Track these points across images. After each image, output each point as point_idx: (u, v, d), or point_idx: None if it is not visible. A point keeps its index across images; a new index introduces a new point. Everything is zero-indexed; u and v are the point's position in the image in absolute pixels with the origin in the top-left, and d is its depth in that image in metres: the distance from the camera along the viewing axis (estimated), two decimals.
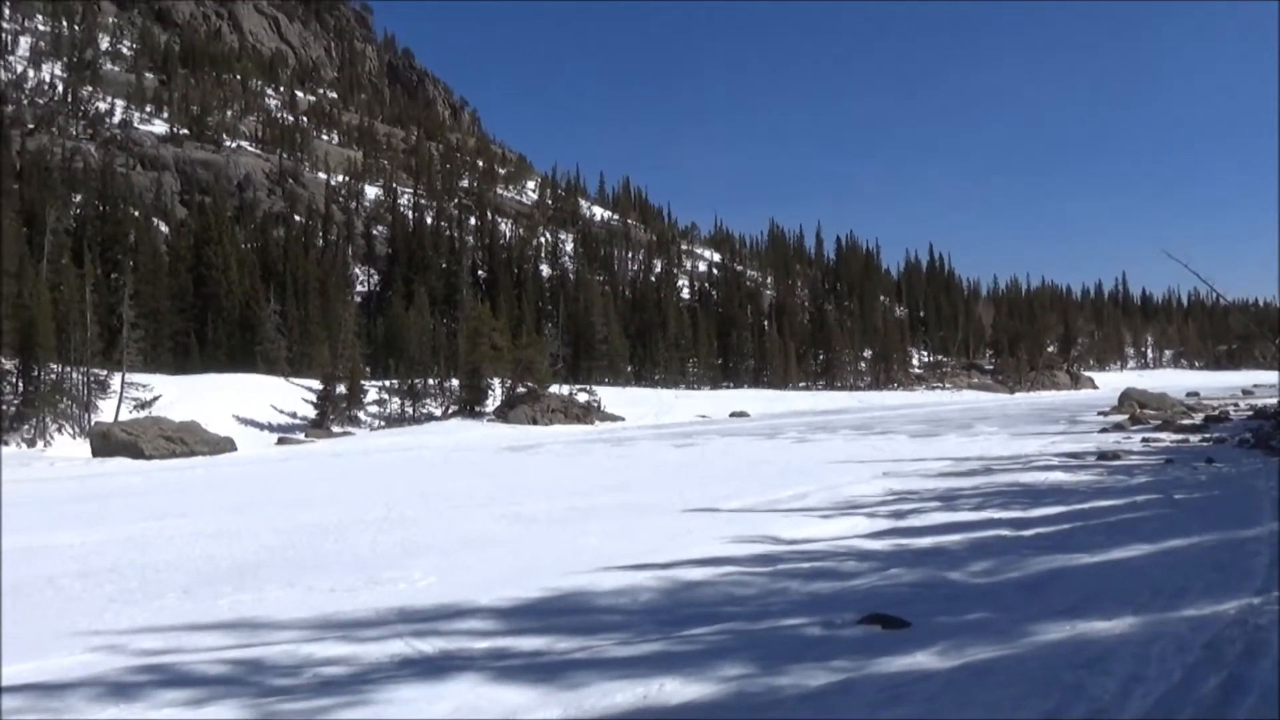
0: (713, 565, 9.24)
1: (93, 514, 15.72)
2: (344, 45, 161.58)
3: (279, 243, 69.71)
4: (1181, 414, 38.22)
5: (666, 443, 31.94)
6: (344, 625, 7.19)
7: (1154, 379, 79.70)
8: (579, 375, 60.03)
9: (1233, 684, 5.06)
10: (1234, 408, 41.60)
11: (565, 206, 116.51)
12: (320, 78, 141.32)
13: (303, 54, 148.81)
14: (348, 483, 21.06)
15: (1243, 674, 5.20)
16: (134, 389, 40.63)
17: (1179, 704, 4.79)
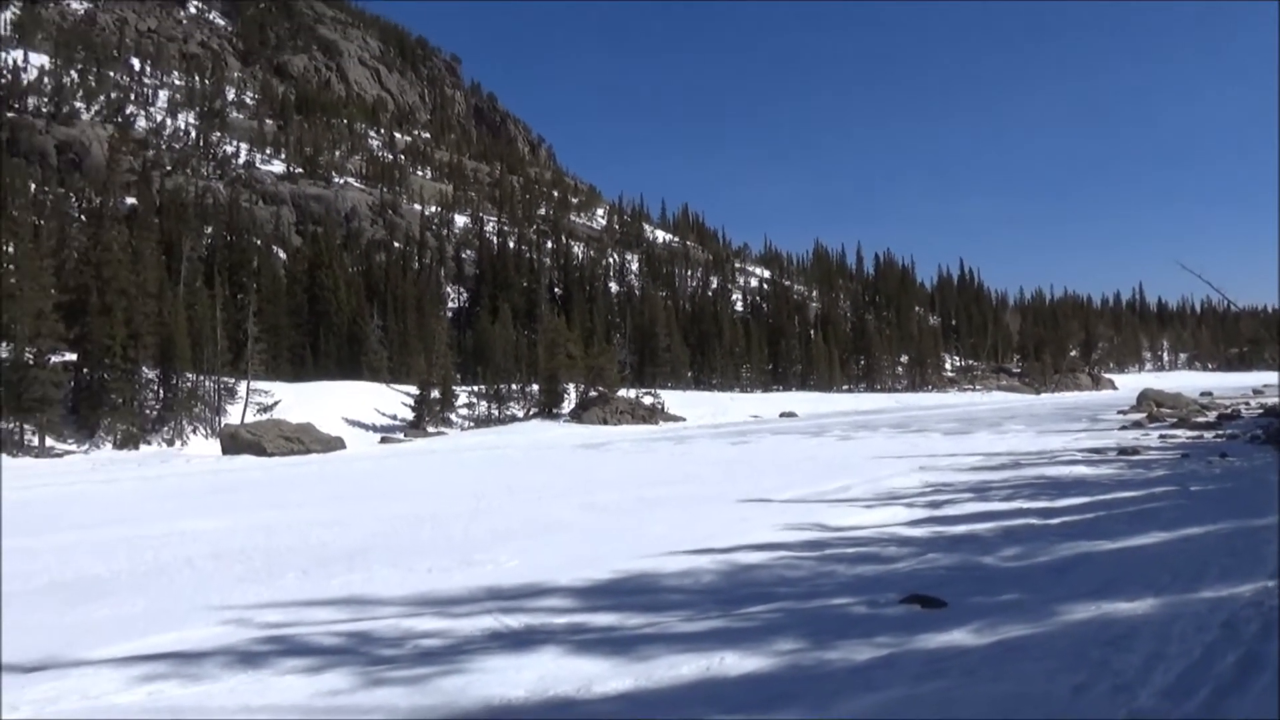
0: (767, 550, 9.17)
1: (223, 504, 16.05)
2: (436, 92, 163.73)
3: (381, 266, 70.77)
4: (1196, 412, 37.08)
5: (723, 440, 31.77)
6: (440, 602, 7.24)
7: (1170, 380, 77.51)
8: (644, 380, 60.03)
9: (1250, 660, 4.89)
10: (1245, 406, 40.24)
11: (631, 230, 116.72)
12: (415, 121, 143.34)
13: (400, 100, 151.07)
14: (442, 477, 21.25)
15: (1259, 651, 5.02)
16: (257, 395, 41.45)
17: (1199, 679, 4.64)
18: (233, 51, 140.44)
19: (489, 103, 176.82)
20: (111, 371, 36.61)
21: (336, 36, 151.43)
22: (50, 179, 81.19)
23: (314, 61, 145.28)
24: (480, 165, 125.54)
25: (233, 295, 50.68)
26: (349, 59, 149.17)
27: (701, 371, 72.05)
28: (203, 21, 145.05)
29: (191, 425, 39.69)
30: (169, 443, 37.91)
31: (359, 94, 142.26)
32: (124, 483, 22.01)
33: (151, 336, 38.51)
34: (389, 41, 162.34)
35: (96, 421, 36.48)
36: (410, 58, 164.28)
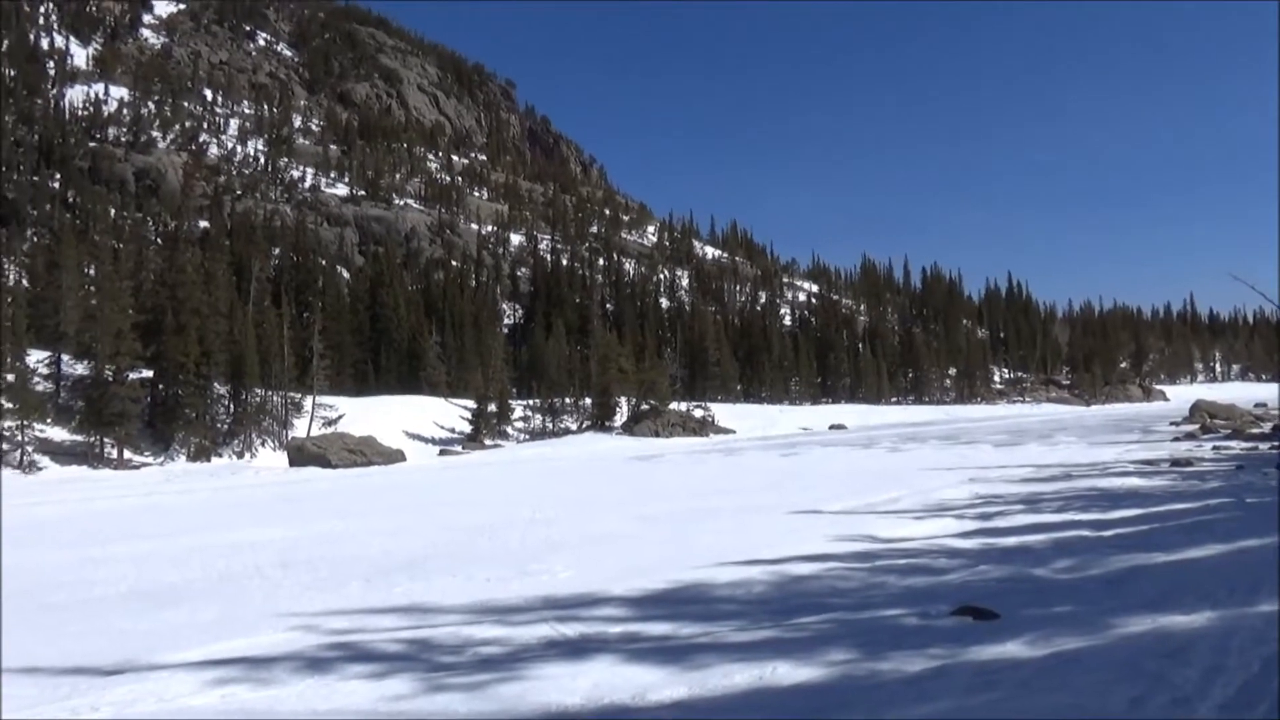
0: (818, 561, 9.07)
1: (290, 514, 16.30)
2: (492, 116, 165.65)
3: (439, 284, 71.63)
4: (1250, 423, 36.00)
5: (773, 452, 31.56)
6: (498, 610, 7.27)
7: (1223, 391, 75.29)
8: (695, 394, 59.88)
9: None
10: None
11: (681, 247, 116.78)
12: (472, 144, 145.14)
13: (457, 124, 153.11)
14: (498, 488, 21.37)
15: None
16: (322, 409, 42.11)
17: (1259, 693, 4.48)
18: (299, 81, 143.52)
19: (542, 125, 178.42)
20: (185, 387, 37.45)
21: (397, 65, 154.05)
22: (129, 205, 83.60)
23: (376, 89, 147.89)
24: (534, 185, 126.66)
25: (299, 313, 51.59)
26: (409, 86, 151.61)
27: (751, 385, 71.69)
28: (271, 53, 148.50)
29: (260, 438, 40.40)
30: (239, 455, 38.64)
31: (418, 119, 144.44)
32: (197, 494, 22.47)
33: (223, 354, 39.32)
34: (447, 68, 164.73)
35: (171, 435, 37.32)
36: (467, 83, 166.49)
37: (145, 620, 7.43)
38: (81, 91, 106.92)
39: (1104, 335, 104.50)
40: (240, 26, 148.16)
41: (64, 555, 11.51)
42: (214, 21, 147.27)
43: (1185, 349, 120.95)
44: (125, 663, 5.99)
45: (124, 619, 7.48)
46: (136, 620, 7.43)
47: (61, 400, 37.54)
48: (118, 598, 8.50)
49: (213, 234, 63.80)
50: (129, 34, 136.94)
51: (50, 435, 35.02)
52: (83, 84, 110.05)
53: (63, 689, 5.48)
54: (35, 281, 47.74)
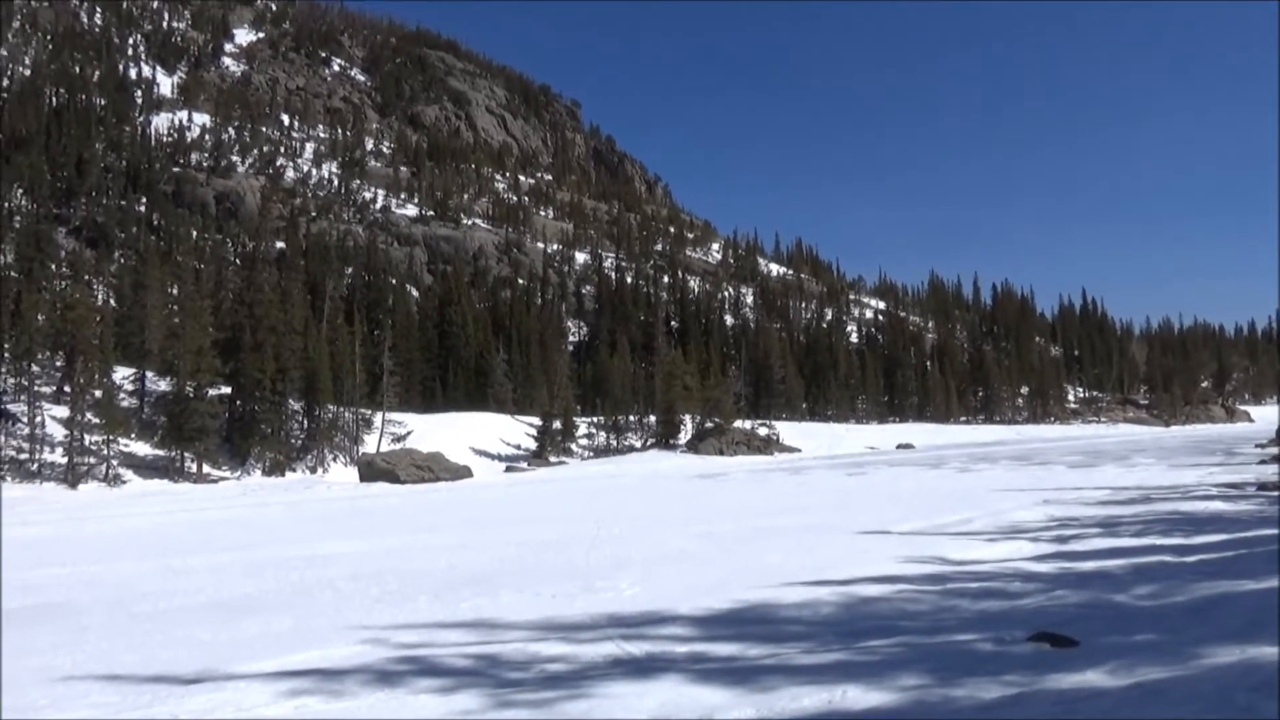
0: (887, 583, 8.90)
1: (361, 529, 16.56)
2: (558, 136, 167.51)
3: (506, 302, 72.46)
4: None
5: (839, 471, 31.17)
6: (564, 627, 7.28)
7: None
8: (759, 411, 59.52)
9: None
10: None
11: (745, 264, 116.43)
12: (538, 164, 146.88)
13: (524, 144, 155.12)
14: (563, 505, 21.45)
15: None
16: (391, 425, 42.79)
17: None
18: (371, 105, 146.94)
19: (607, 144, 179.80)
20: (261, 403, 38.39)
21: (465, 87, 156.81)
22: (210, 227, 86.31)
23: (445, 111, 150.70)
24: (599, 204, 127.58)
25: (370, 331, 52.61)
26: (477, 108, 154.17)
27: (816, 403, 71.00)
28: (345, 78, 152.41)
29: (332, 454, 41.18)
30: (312, 470, 39.42)
31: (486, 140, 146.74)
32: (272, 508, 22.99)
33: (297, 371, 40.23)
34: (514, 90, 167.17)
35: (247, 450, 38.25)
36: (534, 104, 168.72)
37: (223, 630, 7.59)
38: (167, 119, 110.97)
39: (1184, 353, 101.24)
40: (316, 53, 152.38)
41: (147, 566, 11.86)
42: (291, 49, 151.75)
43: (1271, 368, 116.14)
44: (204, 672, 6.13)
45: (203, 629, 7.66)
46: (215, 630, 7.60)
47: (145, 416, 38.78)
48: (197, 608, 8.71)
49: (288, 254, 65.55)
50: (211, 63, 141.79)
51: (134, 450, 36.16)
52: (168, 111, 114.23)
53: (145, 696, 5.63)
54: (122, 301, 49.50)
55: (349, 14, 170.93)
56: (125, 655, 6.73)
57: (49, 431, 34.18)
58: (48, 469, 32.83)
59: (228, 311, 41.88)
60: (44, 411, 34.70)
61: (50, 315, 39.33)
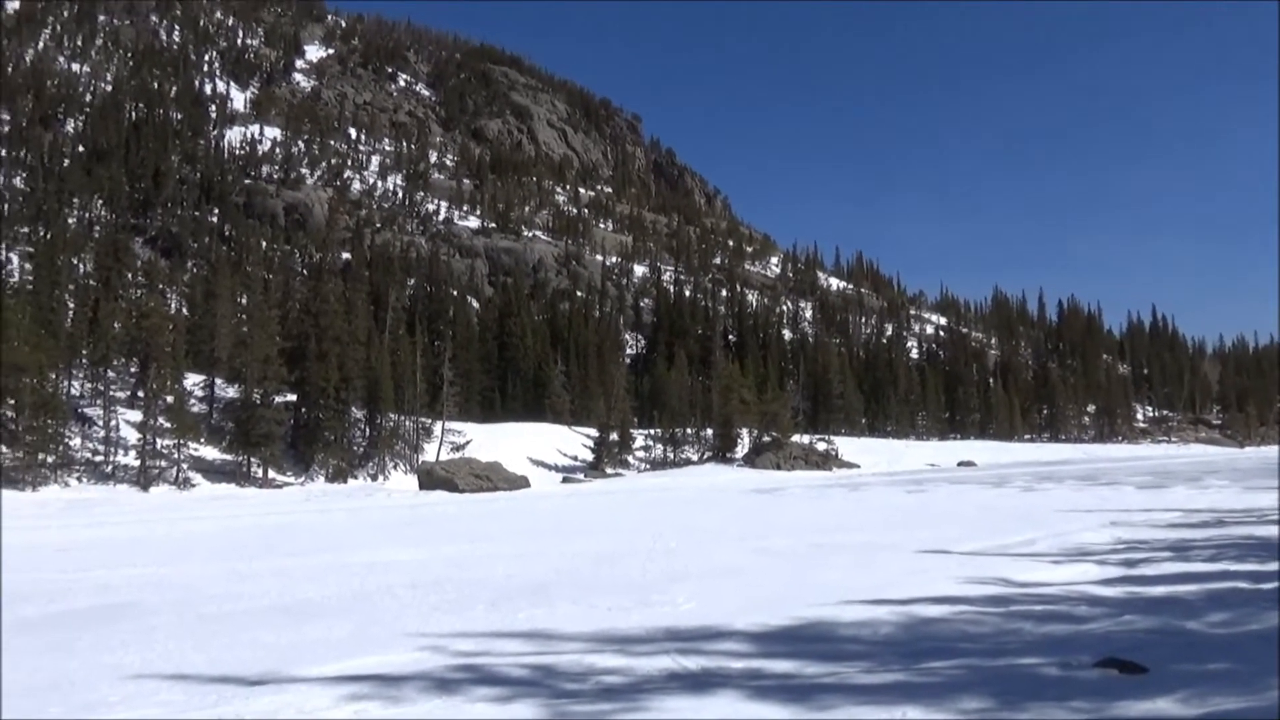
0: (947, 603, 8.72)
1: (420, 536, 16.75)
2: (618, 149, 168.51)
3: (565, 314, 72.93)
4: None
5: (899, 488, 30.71)
6: (620, 640, 7.26)
7: None
8: (818, 427, 59.00)
9: None
10: None
11: (804, 278, 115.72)
12: (599, 176, 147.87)
13: (585, 158, 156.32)
14: (620, 517, 21.45)
15: None
16: (451, 435, 43.29)
17: None
18: (436, 119, 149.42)
19: (667, 157, 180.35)
20: (325, 411, 39.15)
21: (528, 101, 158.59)
22: (278, 238, 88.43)
23: (507, 125, 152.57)
24: (659, 217, 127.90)
25: (431, 342, 53.38)
26: (539, 121, 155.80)
27: (876, 418, 70.15)
28: (411, 93, 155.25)
29: (392, 462, 41.78)
30: (373, 477, 40.03)
31: (547, 153, 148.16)
32: (334, 514, 23.37)
33: (360, 380, 40.96)
34: (575, 104, 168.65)
35: (311, 456, 39.00)
36: (594, 118, 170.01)
37: (285, 634, 7.72)
38: (239, 132, 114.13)
39: (1259, 372, 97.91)
40: (383, 69, 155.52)
41: (213, 568, 12.14)
42: (359, 65, 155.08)
43: None
44: (267, 674, 6.23)
45: (266, 632, 7.80)
46: (278, 633, 7.73)
47: (214, 421, 39.77)
48: (261, 611, 8.88)
49: (353, 265, 66.83)
50: (283, 79, 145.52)
51: (203, 454, 37.10)
52: (240, 126, 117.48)
53: (210, 696, 5.75)
54: (194, 310, 50.91)
55: (415, 30, 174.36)
56: (192, 655, 6.89)
57: (123, 435, 35.25)
58: (121, 471, 33.84)
59: (294, 321, 42.82)
60: (119, 416, 35.82)
61: (126, 323, 40.62)
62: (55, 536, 17.32)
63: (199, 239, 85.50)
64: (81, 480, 32.66)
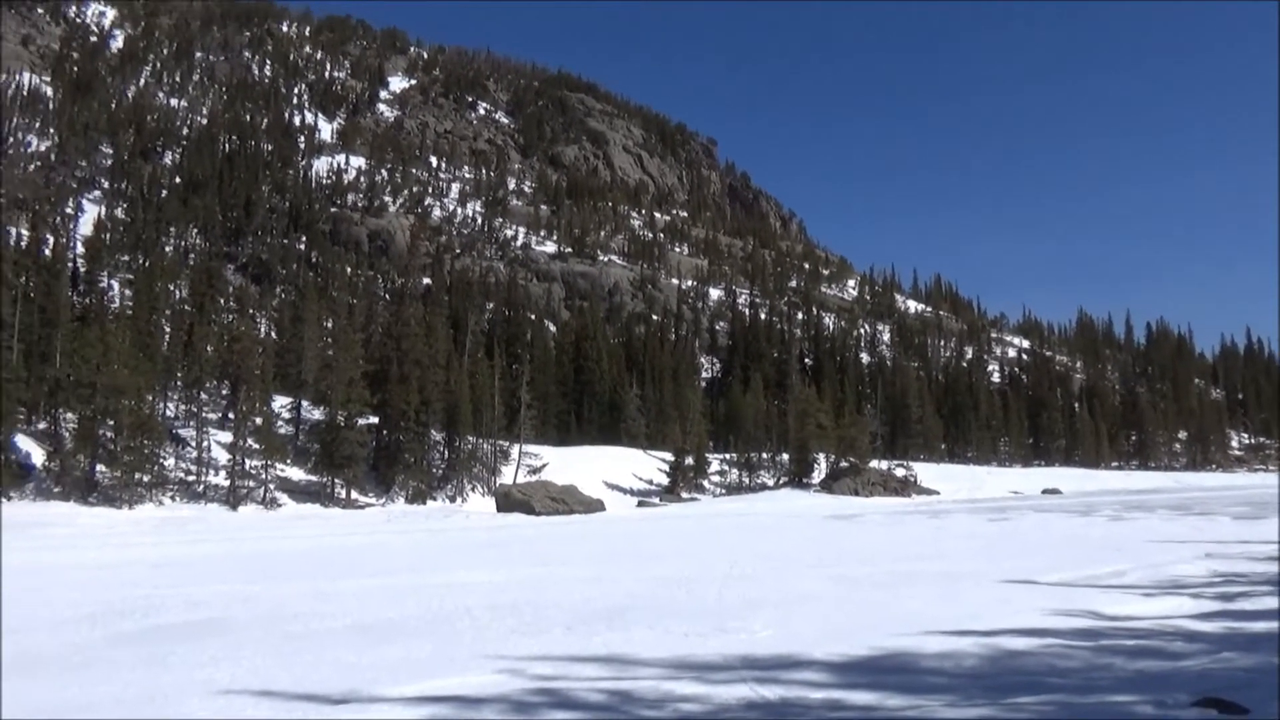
0: (1034, 636, 8.45)
1: (498, 558, 16.89)
2: (693, 173, 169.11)
3: (640, 338, 73.16)
4: None
5: (980, 516, 29.94)
6: (697, 667, 7.20)
7: None
8: (896, 452, 57.96)
9: None
10: None
11: (882, 301, 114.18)
12: (674, 201, 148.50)
13: (660, 182, 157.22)
14: (695, 541, 21.34)
15: None
16: (528, 457, 43.66)
17: None
18: (514, 146, 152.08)
19: (743, 181, 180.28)
20: (406, 433, 39.86)
21: (604, 127, 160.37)
22: (362, 264, 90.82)
23: (584, 151, 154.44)
24: (734, 240, 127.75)
25: (508, 365, 54.03)
26: (615, 147, 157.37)
27: (956, 444, 68.64)
28: (490, 121, 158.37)
29: (470, 483, 42.28)
30: (451, 499, 40.56)
31: (623, 178, 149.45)
32: (413, 535, 23.75)
33: (439, 403, 41.63)
34: (650, 129, 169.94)
35: (392, 478, 39.72)
36: (670, 143, 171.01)
37: (367, 653, 7.86)
38: (326, 162, 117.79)
39: None
40: (463, 98, 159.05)
41: (299, 587, 12.42)
42: (440, 94, 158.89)
43: None
44: (350, 693, 6.34)
45: (349, 651, 7.95)
46: (359, 653, 7.87)
47: (300, 443, 40.82)
48: (343, 630, 9.05)
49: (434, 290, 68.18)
50: (368, 109, 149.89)
51: (290, 475, 38.06)
52: (327, 155, 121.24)
53: (295, 712, 5.87)
54: (282, 334, 52.47)
55: (494, 60, 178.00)
56: (278, 673, 7.05)
57: (214, 455, 36.39)
58: (212, 491, 34.91)
59: (377, 345, 43.81)
60: (210, 437, 37.01)
61: (218, 347, 42.05)
62: (150, 553, 17.95)
63: (287, 265, 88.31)
64: (175, 499, 33.81)
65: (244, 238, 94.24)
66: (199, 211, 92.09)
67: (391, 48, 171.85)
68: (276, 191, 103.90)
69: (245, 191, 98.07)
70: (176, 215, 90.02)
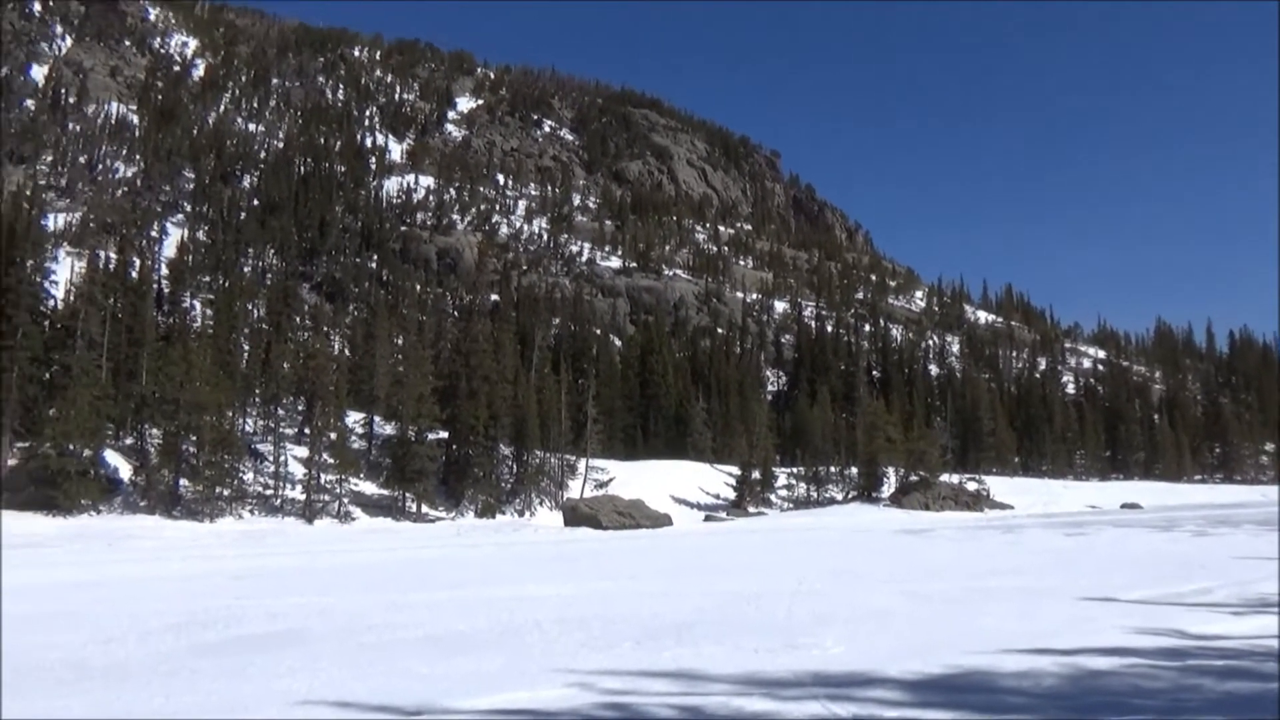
0: (1116, 655, 8.18)
1: (566, 572, 16.96)
2: (757, 186, 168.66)
3: (705, 352, 73.04)
4: None
5: (1056, 531, 29.15)
6: (767, 683, 7.12)
7: None
8: (967, 465, 56.82)
9: None
10: None
11: (951, 312, 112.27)
12: (738, 214, 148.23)
13: (724, 195, 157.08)
14: (763, 556, 21.15)
15: None
16: (594, 471, 43.83)
17: None
18: (579, 162, 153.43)
19: (807, 193, 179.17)
20: (475, 448, 40.36)
21: (668, 142, 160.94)
22: (431, 281, 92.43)
23: (648, 166, 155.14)
24: (799, 253, 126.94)
25: (575, 380, 54.35)
26: (678, 161, 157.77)
27: (1029, 457, 67.03)
28: (555, 138, 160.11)
29: (538, 498, 42.58)
30: (519, 513, 40.89)
31: (687, 192, 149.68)
32: (483, 548, 23.97)
33: (507, 417, 42.08)
34: (714, 143, 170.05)
35: (461, 492, 40.22)
36: (733, 156, 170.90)
37: (439, 665, 7.94)
38: (396, 182, 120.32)
39: None
40: (529, 116, 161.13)
41: (372, 599, 12.63)
42: (506, 113, 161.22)
43: None
44: (424, 705, 6.41)
45: (421, 663, 8.04)
46: (432, 665, 7.95)
47: (372, 457, 41.58)
48: (415, 642, 9.17)
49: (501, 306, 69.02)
50: (436, 129, 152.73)
51: (363, 489, 38.79)
52: (397, 176, 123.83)
53: None
54: (354, 350, 53.63)
55: (559, 78, 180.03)
56: (354, 684, 7.16)
57: (290, 470, 37.25)
58: (289, 504, 35.72)
59: (446, 361, 44.49)
60: (287, 451, 37.91)
61: (294, 364, 43.14)
62: (231, 565, 18.43)
63: (359, 284, 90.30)
64: (253, 513, 34.68)
65: (318, 257, 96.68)
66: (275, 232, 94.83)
67: (459, 69, 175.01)
68: (349, 212, 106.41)
69: (319, 212, 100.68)
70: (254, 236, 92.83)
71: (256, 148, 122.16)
